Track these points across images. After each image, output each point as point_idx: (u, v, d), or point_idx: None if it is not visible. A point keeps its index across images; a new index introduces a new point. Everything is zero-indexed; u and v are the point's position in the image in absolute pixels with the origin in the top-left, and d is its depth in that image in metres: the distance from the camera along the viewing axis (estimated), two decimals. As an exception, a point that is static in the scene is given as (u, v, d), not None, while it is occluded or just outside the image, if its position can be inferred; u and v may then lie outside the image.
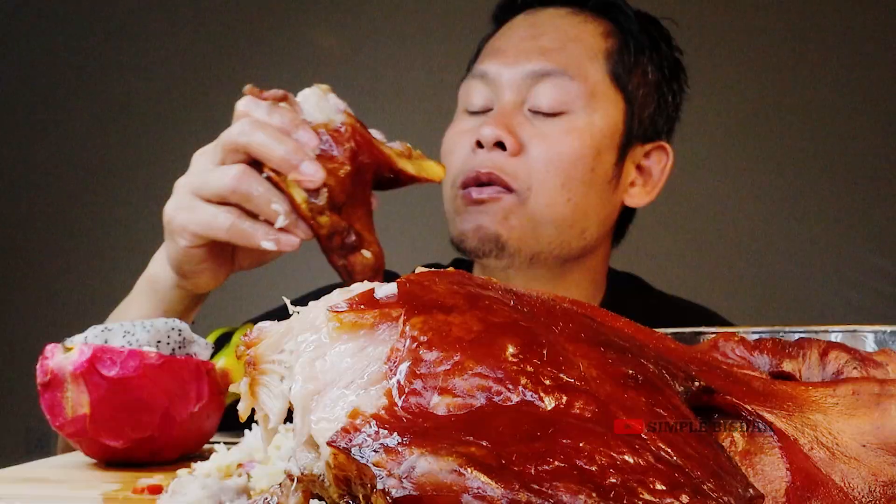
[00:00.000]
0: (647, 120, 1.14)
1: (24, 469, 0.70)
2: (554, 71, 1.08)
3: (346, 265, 0.83)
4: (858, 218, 2.72)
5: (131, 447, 0.69)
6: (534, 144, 1.06)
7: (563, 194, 1.06)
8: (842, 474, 0.44)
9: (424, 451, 0.33)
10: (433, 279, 0.43)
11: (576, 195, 1.07)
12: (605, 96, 1.10)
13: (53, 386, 0.69)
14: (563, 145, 1.06)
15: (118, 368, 0.68)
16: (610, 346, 0.42)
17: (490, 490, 0.31)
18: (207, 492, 0.57)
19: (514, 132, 1.06)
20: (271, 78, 3.06)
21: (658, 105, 1.16)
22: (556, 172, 1.05)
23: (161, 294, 0.91)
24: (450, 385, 0.37)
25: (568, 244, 1.09)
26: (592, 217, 1.10)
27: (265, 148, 0.79)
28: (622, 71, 1.11)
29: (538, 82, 1.07)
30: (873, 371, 0.53)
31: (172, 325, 0.73)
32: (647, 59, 1.14)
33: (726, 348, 0.56)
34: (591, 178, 1.08)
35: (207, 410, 0.72)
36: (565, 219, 1.07)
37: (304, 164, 0.78)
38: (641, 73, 1.13)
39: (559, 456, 0.33)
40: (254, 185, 0.79)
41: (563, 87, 1.07)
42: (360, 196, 0.83)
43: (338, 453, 0.36)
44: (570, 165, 1.06)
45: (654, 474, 0.33)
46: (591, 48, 1.11)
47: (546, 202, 1.05)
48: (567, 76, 1.08)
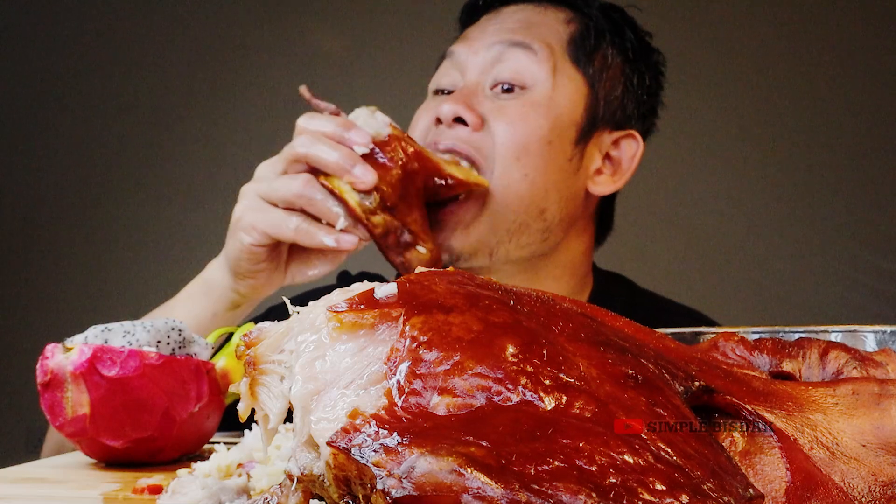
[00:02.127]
0: (615, 104, 1.14)
1: (24, 469, 0.70)
2: (518, 43, 1.10)
3: (403, 262, 0.93)
4: (858, 218, 2.71)
5: (131, 447, 0.69)
6: (493, 118, 1.06)
7: (520, 169, 1.05)
8: (842, 474, 0.44)
9: (424, 450, 0.33)
10: (433, 279, 0.43)
11: (532, 171, 1.06)
12: (566, 75, 1.10)
13: (53, 386, 0.69)
14: (521, 118, 1.06)
15: (118, 368, 0.68)
16: (610, 346, 0.42)
17: (490, 490, 0.31)
18: (207, 492, 0.57)
19: (475, 108, 1.07)
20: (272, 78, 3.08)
21: (625, 89, 1.15)
22: (514, 146, 1.05)
23: (215, 295, 0.98)
24: (450, 385, 0.37)
25: (527, 226, 1.07)
26: (552, 195, 1.08)
27: (322, 155, 0.91)
28: (582, 54, 1.12)
29: (501, 58, 1.09)
30: (873, 371, 0.53)
31: (172, 325, 0.73)
32: (609, 43, 1.14)
33: (726, 348, 0.56)
34: (549, 154, 1.07)
35: (207, 410, 0.72)
36: (522, 198, 1.06)
37: (356, 167, 0.91)
38: (602, 57, 1.13)
39: (559, 456, 0.33)
40: (316, 192, 0.91)
41: (525, 61, 1.09)
42: (414, 199, 0.94)
43: (338, 453, 0.36)
44: (526, 138, 1.06)
45: (654, 474, 0.33)
46: (554, 31, 1.13)
47: (504, 182, 1.05)
48: (530, 50, 1.09)
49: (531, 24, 1.13)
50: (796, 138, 2.74)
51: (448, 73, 1.13)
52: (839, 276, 2.70)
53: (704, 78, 2.76)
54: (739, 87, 2.76)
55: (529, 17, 1.14)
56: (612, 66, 1.14)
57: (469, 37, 1.14)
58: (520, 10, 1.15)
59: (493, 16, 1.16)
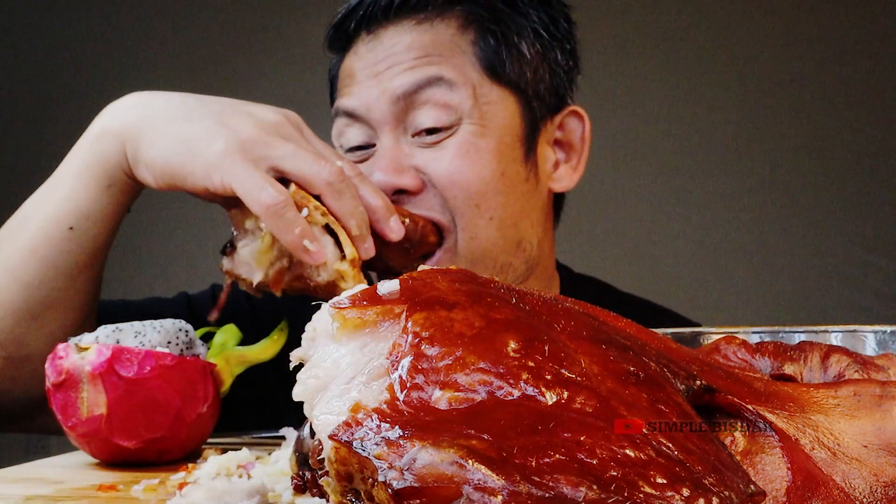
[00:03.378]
0: (547, 94, 1.01)
1: (24, 469, 0.70)
2: (429, 79, 0.95)
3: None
4: (858, 218, 2.71)
5: (142, 447, 0.69)
6: (433, 175, 0.94)
7: (482, 216, 0.95)
8: (843, 474, 0.44)
9: (426, 443, 0.33)
10: (436, 276, 0.43)
11: (497, 210, 0.95)
12: (490, 94, 0.96)
13: (68, 386, 0.68)
14: (461, 170, 0.94)
15: (136, 369, 0.68)
16: (611, 344, 0.42)
17: (491, 482, 0.31)
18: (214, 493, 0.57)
19: (406, 169, 0.94)
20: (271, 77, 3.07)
21: (552, 74, 1.02)
22: (465, 199, 0.94)
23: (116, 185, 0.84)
24: (451, 380, 0.37)
25: (509, 265, 0.98)
26: (524, 223, 0.99)
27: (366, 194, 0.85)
28: (496, 61, 0.97)
29: (414, 103, 0.95)
30: (874, 374, 0.53)
31: (180, 326, 0.73)
32: (517, 34, 0.99)
33: (728, 351, 0.56)
34: (505, 187, 0.96)
35: (211, 410, 0.73)
36: (494, 242, 0.96)
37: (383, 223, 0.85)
38: (518, 54, 0.98)
39: (560, 449, 0.33)
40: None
41: (443, 98, 0.94)
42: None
43: (339, 447, 0.36)
44: (479, 185, 0.94)
45: (655, 468, 0.33)
46: (455, 46, 0.97)
47: (471, 234, 0.95)
48: (442, 82, 0.95)
49: (427, 50, 0.96)
50: (796, 138, 2.75)
51: (352, 129, 0.98)
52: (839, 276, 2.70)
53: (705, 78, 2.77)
54: (740, 88, 2.77)
55: (421, 40, 0.96)
56: (531, 57, 1.00)
57: (359, 82, 0.97)
58: (403, 32, 0.97)
59: (371, 44, 0.98)
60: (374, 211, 0.83)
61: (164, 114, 0.82)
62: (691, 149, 2.77)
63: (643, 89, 2.76)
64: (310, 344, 0.45)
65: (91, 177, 0.84)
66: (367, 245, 0.81)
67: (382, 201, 0.84)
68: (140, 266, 2.80)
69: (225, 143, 0.78)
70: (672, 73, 2.77)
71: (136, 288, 1.57)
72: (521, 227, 0.99)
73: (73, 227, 0.85)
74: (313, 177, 0.79)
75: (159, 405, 0.69)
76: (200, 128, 0.79)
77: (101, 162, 0.84)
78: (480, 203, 0.95)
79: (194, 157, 0.78)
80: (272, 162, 0.79)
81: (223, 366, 0.76)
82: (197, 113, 0.81)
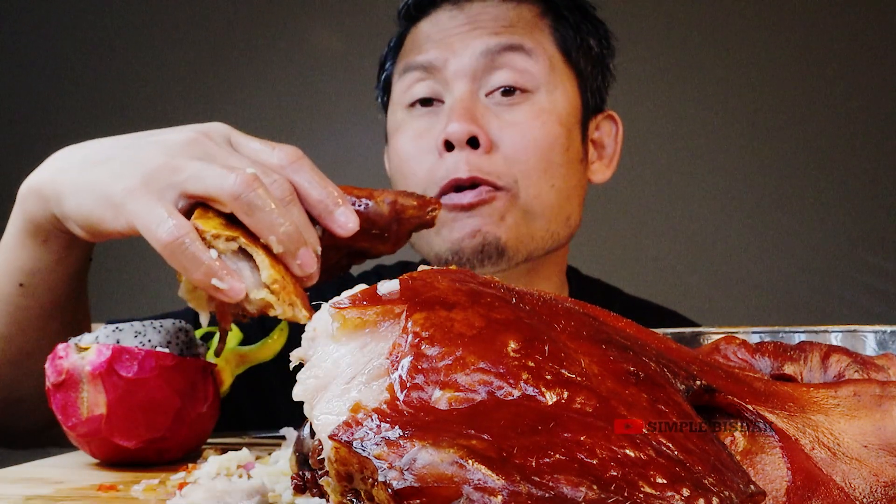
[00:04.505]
0: (598, 92, 1.11)
1: (24, 469, 0.70)
2: (510, 45, 1.01)
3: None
4: (858, 218, 2.72)
5: (142, 448, 0.69)
6: (505, 136, 0.99)
7: (547, 181, 1.01)
8: (843, 474, 0.44)
9: (426, 443, 0.33)
10: (436, 276, 0.43)
11: (558, 180, 1.02)
12: (561, 73, 1.05)
13: (68, 386, 0.68)
14: (534, 130, 1.00)
15: (136, 369, 0.68)
16: (611, 344, 0.42)
17: (491, 482, 0.31)
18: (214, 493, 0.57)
19: (483, 126, 0.99)
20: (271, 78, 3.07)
21: (603, 77, 1.12)
22: (536, 161, 1.00)
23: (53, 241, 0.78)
24: (451, 380, 0.37)
25: (557, 234, 1.03)
26: (574, 200, 1.05)
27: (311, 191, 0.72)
28: (571, 45, 1.06)
29: (494, 63, 1.01)
30: (874, 374, 0.53)
31: (180, 326, 0.73)
32: (587, 32, 1.09)
33: (728, 351, 0.56)
34: (567, 160, 1.03)
35: (211, 411, 0.73)
36: (552, 207, 1.02)
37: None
38: (586, 48, 1.09)
39: (560, 449, 0.33)
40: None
41: (522, 64, 1.01)
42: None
43: (339, 447, 0.36)
44: (548, 150, 1.00)
45: (655, 468, 0.33)
46: (537, 27, 1.05)
47: (534, 193, 1.00)
48: (524, 51, 1.02)
49: (511, 22, 1.04)
50: (796, 138, 2.75)
51: (424, 82, 1.03)
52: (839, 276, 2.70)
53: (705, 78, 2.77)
54: (740, 88, 2.77)
55: (505, 15, 1.04)
56: (594, 56, 1.10)
57: (440, 40, 1.03)
58: (488, 7, 1.05)
59: (453, 12, 1.05)
60: (315, 205, 0.70)
61: (78, 164, 0.74)
62: (691, 149, 2.78)
63: (643, 89, 2.76)
64: (310, 344, 0.45)
65: (26, 234, 0.79)
66: (302, 259, 0.67)
67: (325, 190, 0.70)
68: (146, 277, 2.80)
69: (128, 180, 0.69)
70: (672, 73, 2.77)
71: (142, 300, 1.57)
72: (573, 202, 1.05)
73: (24, 284, 0.81)
74: (218, 192, 0.66)
75: (159, 405, 0.69)
76: (107, 170, 0.71)
77: (31, 220, 0.78)
78: (547, 168, 1.01)
79: (104, 201, 0.70)
80: (180, 188, 0.68)
81: (223, 366, 0.76)
82: (105, 155, 0.72)
